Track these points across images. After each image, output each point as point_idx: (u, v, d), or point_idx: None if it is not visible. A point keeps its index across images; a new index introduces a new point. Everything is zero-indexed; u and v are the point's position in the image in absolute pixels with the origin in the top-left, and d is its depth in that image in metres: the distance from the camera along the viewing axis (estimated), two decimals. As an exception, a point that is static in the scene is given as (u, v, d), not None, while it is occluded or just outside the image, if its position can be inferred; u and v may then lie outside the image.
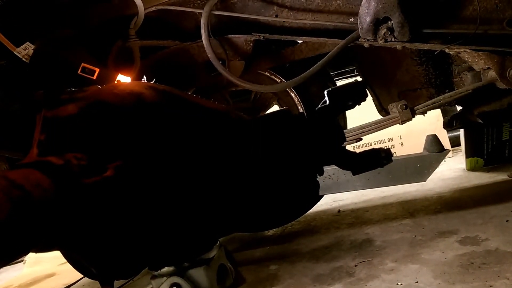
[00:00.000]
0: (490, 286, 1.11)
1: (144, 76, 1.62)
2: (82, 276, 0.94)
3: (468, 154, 2.43)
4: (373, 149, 1.13)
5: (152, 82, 1.61)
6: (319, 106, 1.10)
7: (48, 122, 0.80)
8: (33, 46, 1.19)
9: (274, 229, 2.11)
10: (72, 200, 0.69)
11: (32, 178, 0.67)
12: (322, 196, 2.03)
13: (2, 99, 1.15)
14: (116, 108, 0.84)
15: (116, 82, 1.10)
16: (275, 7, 1.62)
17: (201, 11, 1.56)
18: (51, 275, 2.46)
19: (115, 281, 0.95)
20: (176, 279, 1.09)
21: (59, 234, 0.70)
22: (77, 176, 0.72)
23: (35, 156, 0.77)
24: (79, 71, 1.21)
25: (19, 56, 1.17)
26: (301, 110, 1.99)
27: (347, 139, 1.62)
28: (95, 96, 0.87)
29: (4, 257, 0.64)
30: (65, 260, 0.97)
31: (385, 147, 1.15)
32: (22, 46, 1.18)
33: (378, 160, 1.11)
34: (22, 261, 2.83)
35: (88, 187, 0.72)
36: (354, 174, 1.14)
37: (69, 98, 0.86)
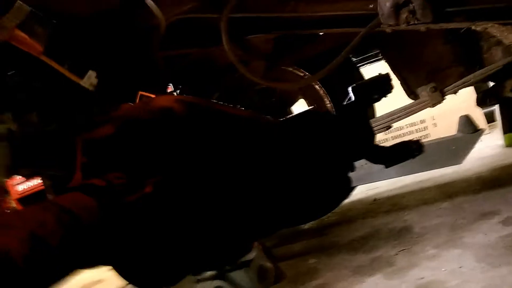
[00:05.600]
0: (537, 267, 1.09)
1: (171, 85, 1.66)
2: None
3: (505, 130, 2.35)
4: (403, 142, 1.12)
5: (178, 91, 1.65)
6: (345, 102, 1.11)
7: (88, 145, 0.85)
8: (95, 74, 1.21)
9: (311, 222, 2.12)
10: (116, 218, 0.74)
11: (79, 202, 0.72)
12: (355, 187, 2.02)
13: (39, 119, 1.22)
14: (148, 124, 0.88)
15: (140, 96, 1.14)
16: (292, 2, 1.62)
17: (219, 15, 1.57)
18: (99, 282, 2.55)
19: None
20: (219, 283, 1.13)
21: (107, 252, 0.75)
22: (119, 195, 0.76)
23: (80, 179, 0.82)
24: (137, 100, 1.23)
25: (85, 86, 1.19)
26: (328, 102, 1.98)
27: (377, 127, 1.61)
28: (128, 114, 0.91)
29: (57, 280, 0.69)
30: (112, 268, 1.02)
31: (415, 139, 1.13)
32: (86, 76, 1.20)
33: (409, 152, 1.10)
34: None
35: (130, 205, 0.76)
36: (386, 167, 1.14)
37: (104, 118, 0.90)
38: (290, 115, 1.44)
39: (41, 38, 1.16)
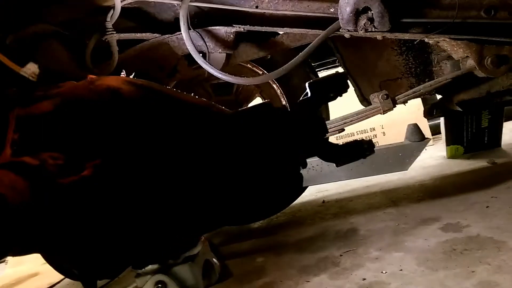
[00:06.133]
0: (472, 271, 1.14)
1: (123, 71, 1.58)
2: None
3: (448, 142, 2.47)
4: (355, 141, 1.13)
5: (132, 76, 1.57)
6: (301, 98, 1.10)
7: (22, 121, 0.77)
8: (36, 65, 1.13)
9: (260, 222, 2.11)
10: (48, 201, 0.67)
11: (5, 180, 0.64)
12: (306, 187, 2.04)
13: None
14: (92, 104, 0.82)
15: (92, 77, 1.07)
16: (255, -3, 1.60)
17: (180, 2, 1.52)
18: (34, 275, 2.41)
19: (98, 280, 0.93)
20: (161, 277, 1.07)
21: (36, 237, 0.68)
22: (54, 176, 0.69)
23: (8, 157, 0.74)
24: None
25: (26, 75, 1.11)
26: (284, 102, 1.98)
27: (330, 130, 1.63)
28: (70, 92, 0.84)
29: None
30: (45, 261, 0.95)
31: (367, 138, 1.15)
32: (27, 66, 1.13)
33: (360, 152, 1.11)
34: (4, 261, 2.76)
35: (65, 187, 0.70)
36: (337, 165, 1.14)
37: (44, 95, 0.83)
38: (244, 107, 1.42)
39: None
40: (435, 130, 3.02)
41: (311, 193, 2.41)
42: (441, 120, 2.60)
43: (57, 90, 0.84)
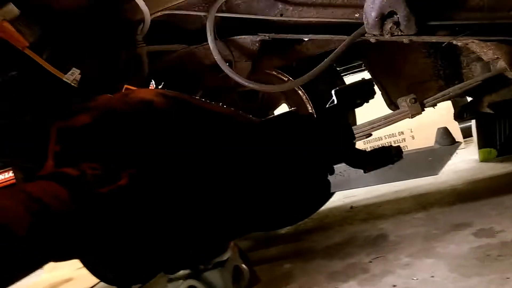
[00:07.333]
0: (507, 278, 1.11)
1: (153, 81, 1.63)
2: (99, 280, 0.96)
3: (480, 145, 2.41)
4: (383, 147, 1.13)
5: (160, 86, 1.62)
6: (327, 105, 1.11)
7: (62, 133, 0.82)
8: (78, 71, 1.22)
9: (288, 227, 2.12)
10: (88, 210, 0.71)
11: (49, 190, 0.69)
12: (333, 193, 2.03)
13: (15, 110, 1.19)
14: (127, 116, 0.86)
15: (125, 89, 1.12)
16: (280, 5, 1.62)
17: (206, 14, 1.56)
18: (69, 280, 2.49)
19: (132, 285, 0.97)
20: (192, 282, 1.10)
21: (76, 244, 0.72)
22: (93, 185, 0.74)
23: (51, 168, 0.79)
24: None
25: (68, 81, 1.20)
26: (310, 108, 1.99)
27: (357, 135, 1.62)
28: (106, 105, 0.88)
29: (25, 269, 0.66)
30: (83, 265, 0.99)
31: (395, 144, 1.14)
32: (70, 72, 1.21)
33: (388, 158, 1.11)
34: (40, 266, 2.86)
35: (103, 196, 0.73)
36: (365, 172, 1.14)
37: (81, 107, 0.87)
38: (272, 116, 1.44)
39: (27, 35, 1.17)
40: (466, 133, 2.94)
41: (339, 198, 2.39)
42: (473, 123, 2.53)
43: (94, 103, 0.88)
